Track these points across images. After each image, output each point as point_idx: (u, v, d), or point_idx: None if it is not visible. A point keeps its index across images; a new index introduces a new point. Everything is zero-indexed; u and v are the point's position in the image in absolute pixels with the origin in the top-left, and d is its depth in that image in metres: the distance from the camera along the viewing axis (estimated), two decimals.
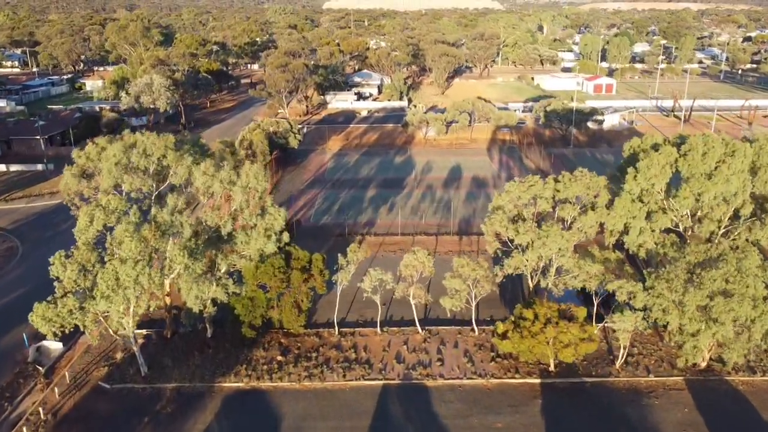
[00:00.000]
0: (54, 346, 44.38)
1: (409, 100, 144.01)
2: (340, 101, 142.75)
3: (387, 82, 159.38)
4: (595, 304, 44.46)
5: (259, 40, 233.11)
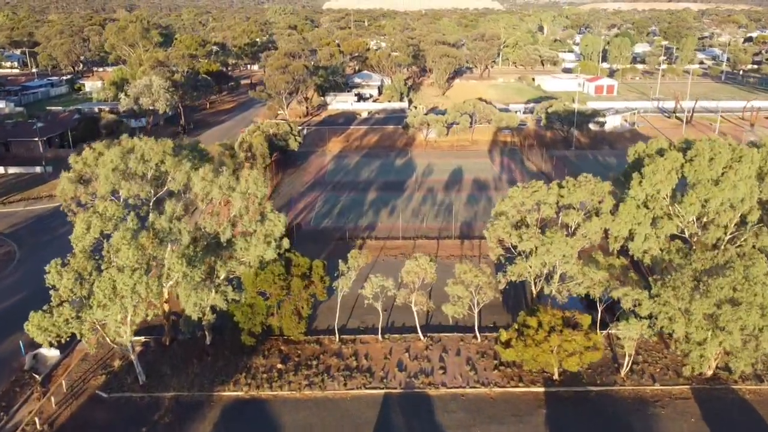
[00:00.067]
0: (51, 353, 43.81)
1: (410, 101, 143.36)
2: (340, 102, 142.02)
3: (387, 83, 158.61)
4: (599, 311, 43.93)
5: (259, 41, 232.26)
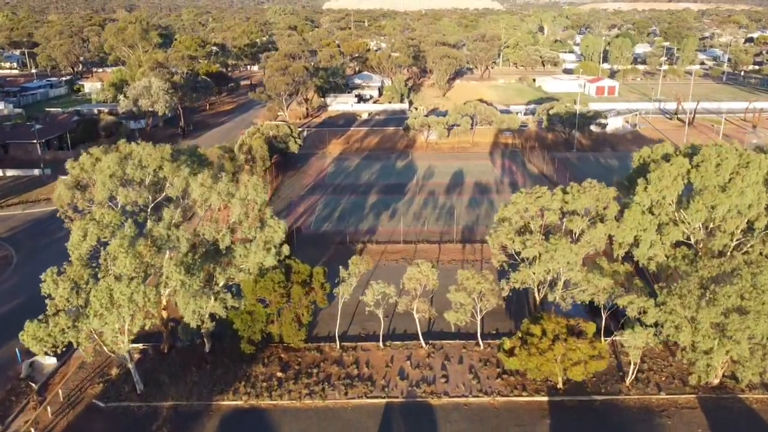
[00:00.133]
0: (48, 361, 43.22)
1: (410, 103, 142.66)
2: (340, 103, 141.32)
3: (388, 84, 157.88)
4: (604, 317, 43.32)
5: (258, 42, 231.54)
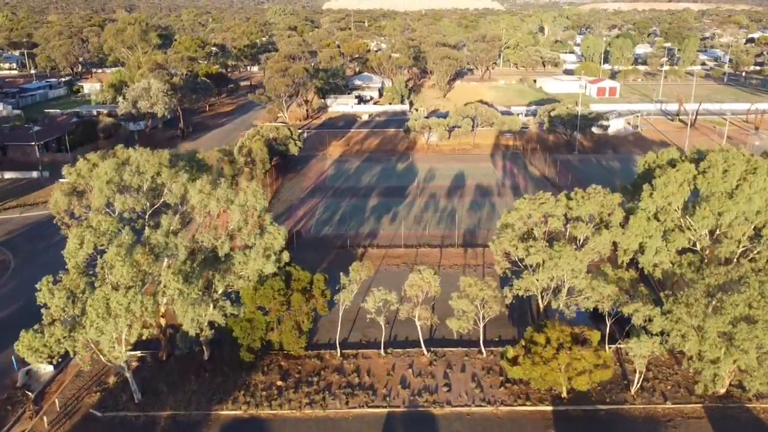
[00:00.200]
0: (44, 369, 42.62)
1: (411, 104, 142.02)
2: (340, 105, 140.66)
3: (388, 85, 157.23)
4: (608, 325, 42.74)
5: (258, 42, 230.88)
